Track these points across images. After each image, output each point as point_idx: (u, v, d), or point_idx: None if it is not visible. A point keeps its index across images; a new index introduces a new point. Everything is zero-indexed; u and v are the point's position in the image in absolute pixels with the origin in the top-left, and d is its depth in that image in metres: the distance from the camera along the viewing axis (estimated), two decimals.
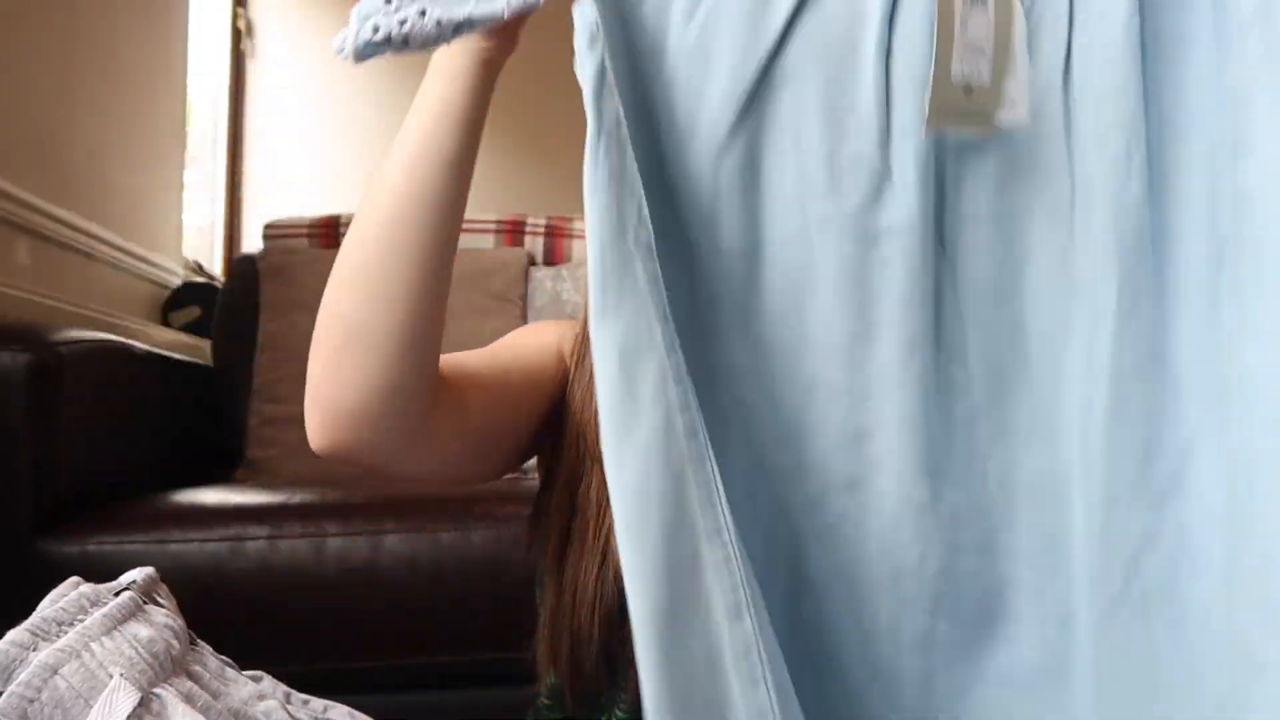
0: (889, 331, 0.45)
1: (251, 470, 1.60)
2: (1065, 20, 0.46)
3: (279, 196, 2.79)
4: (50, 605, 0.47)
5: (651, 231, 0.42)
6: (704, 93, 0.45)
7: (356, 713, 0.62)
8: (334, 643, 1.11)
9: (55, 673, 0.40)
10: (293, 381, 1.64)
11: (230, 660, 0.57)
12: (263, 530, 1.12)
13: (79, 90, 1.80)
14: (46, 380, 1.09)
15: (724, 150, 0.45)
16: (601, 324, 0.40)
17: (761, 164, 0.45)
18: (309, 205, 2.07)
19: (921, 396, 0.45)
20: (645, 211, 0.42)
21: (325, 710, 0.60)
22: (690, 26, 0.45)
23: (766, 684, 0.37)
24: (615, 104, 0.42)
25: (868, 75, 0.45)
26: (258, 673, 0.58)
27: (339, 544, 1.12)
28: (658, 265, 0.41)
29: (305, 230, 1.86)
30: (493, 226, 1.86)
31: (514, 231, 1.87)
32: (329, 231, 1.86)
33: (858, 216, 0.45)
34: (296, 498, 1.18)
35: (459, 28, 0.44)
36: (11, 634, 0.42)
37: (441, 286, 0.57)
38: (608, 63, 0.42)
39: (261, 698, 0.52)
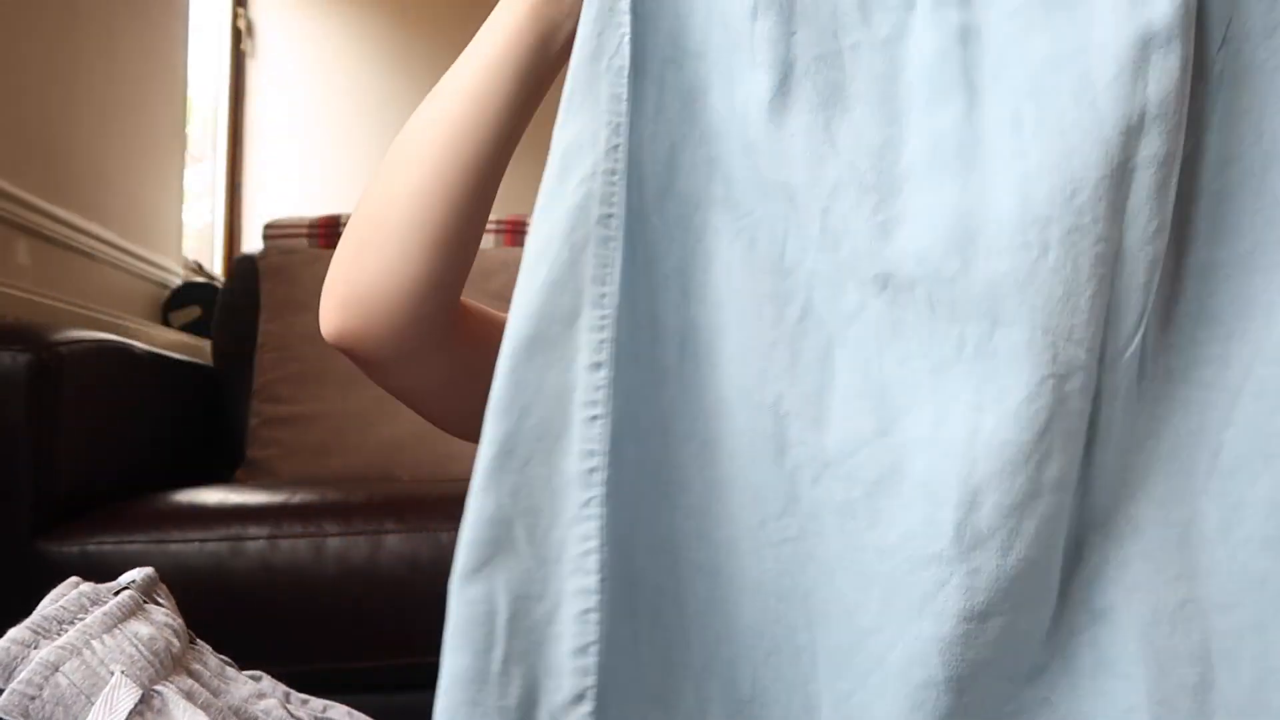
0: (916, 137, 0.45)
1: (251, 470, 1.61)
2: None
3: (279, 196, 2.79)
4: (50, 604, 0.47)
5: (627, 62, 0.45)
6: None
7: (356, 713, 0.62)
8: (334, 643, 1.11)
9: (56, 670, 0.40)
10: (293, 381, 1.64)
11: (230, 660, 0.57)
12: (263, 530, 1.12)
13: (79, 90, 1.80)
14: (46, 380, 1.09)
15: None
16: (559, 131, 0.45)
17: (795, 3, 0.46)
18: (309, 205, 2.07)
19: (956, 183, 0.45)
20: (625, 47, 0.45)
21: (325, 710, 0.60)
22: None
23: (603, 423, 0.42)
24: None
25: None
26: (257, 672, 0.58)
27: (339, 544, 1.12)
28: (625, 89, 0.45)
29: (305, 230, 1.86)
30: (493, 226, 1.86)
31: (514, 231, 1.87)
32: (329, 231, 1.86)
33: (886, 43, 0.46)
34: (296, 498, 1.18)
35: None
36: (12, 632, 0.42)
37: (486, 192, 0.57)
38: None
39: (261, 696, 0.52)
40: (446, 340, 0.61)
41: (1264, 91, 0.45)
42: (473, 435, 0.73)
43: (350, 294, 0.57)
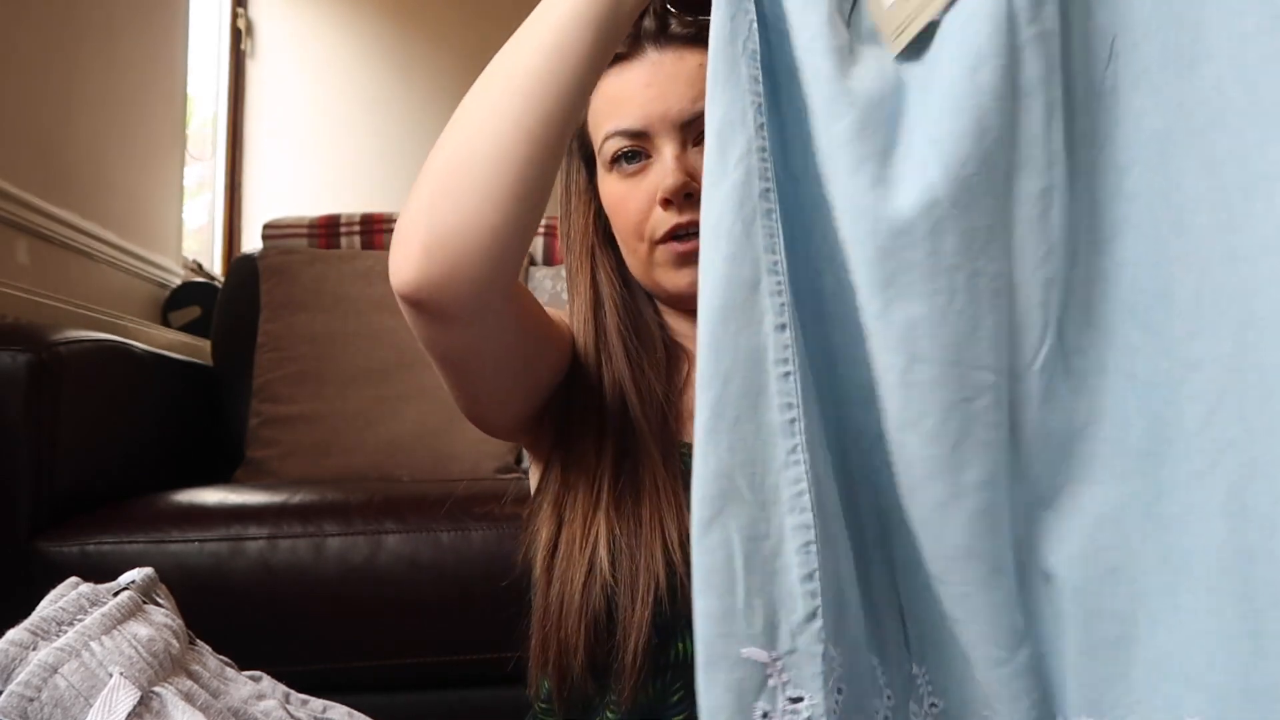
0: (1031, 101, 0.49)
1: (251, 470, 1.60)
2: None
3: (279, 196, 2.79)
4: (50, 605, 0.47)
5: (758, 44, 0.49)
6: None
7: (355, 713, 0.62)
8: (334, 643, 1.11)
9: (55, 672, 0.40)
10: (293, 381, 1.64)
11: (229, 660, 0.57)
12: (263, 530, 1.12)
13: (79, 90, 1.80)
14: (46, 380, 1.09)
15: None
16: (710, 110, 0.50)
17: None
18: (309, 205, 2.07)
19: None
20: (755, 29, 0.49)
21: (324, 710, 0.60)
22: None
23: (795, 376, 0.48)
24: None
25: None
26: (257, 673, 0.58)
27: (339, 544, 1.12)
28: (759, 71, 0.49)
29: (305, 230, 1.86)
30: None
31: None
32: (328, 231, 1.86)
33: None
34: (296, 498, 1.18)
35: None
36: (11, 633, 0.42)
37: (561, 143, 0.60)
38: None
39: (261, 697, 0.52)
40: (515, 299, 0.64)
41: (1155, 96, 0.48)
42: (494, 422, 0.75)
43: (432, 240, 0.58)
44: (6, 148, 1.55)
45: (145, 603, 0.50)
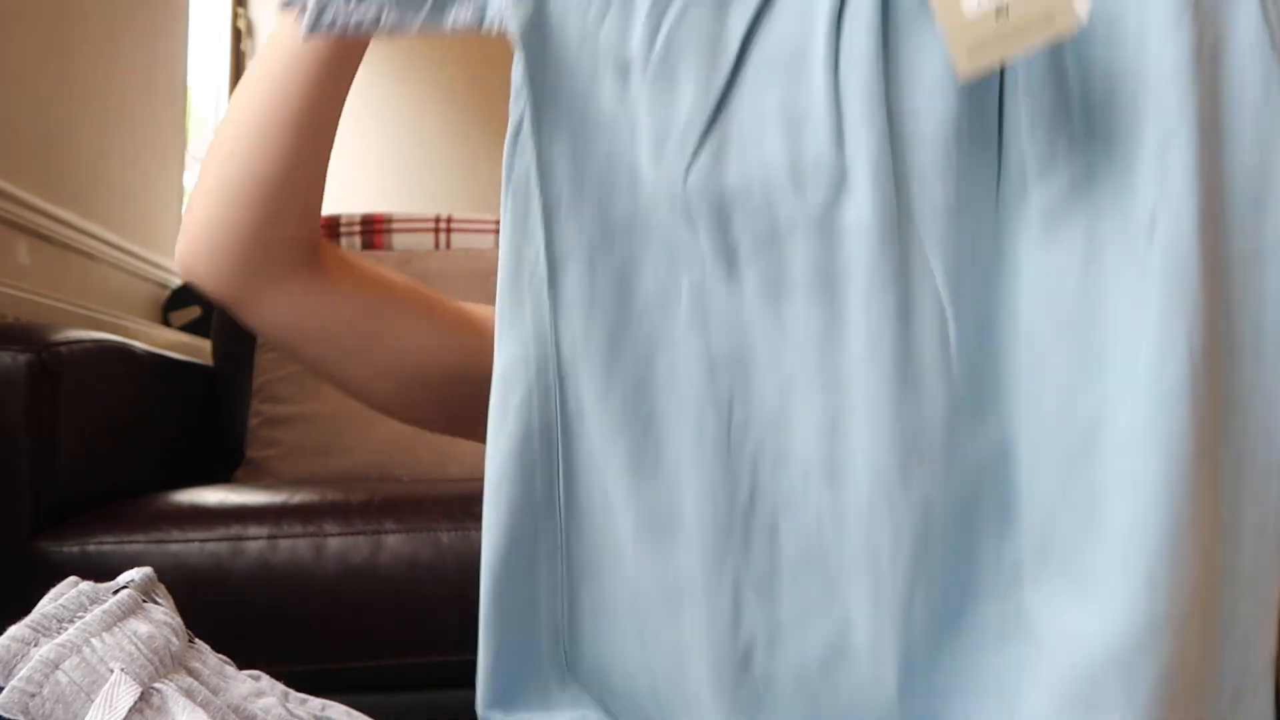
0: (855, 326, 0.47)
1: (251, 470, 1.61)
2: None
3: None
4: (50, 603, 0.47)
5: (546, 273, 0.48)
6: (670, 114, 0.47)
7: (355, 712, 0.62)
8: (334, 643, 1.11)
9: (56, 667, 0.40)
10: (293, 381, 1.64)
11: (228, 659, 0.57)
12: (263, 530, 1.12)
13: (79, 90, 1.80)
14: (46, 380, 1.09)
15: (692, 163, 0.47)
16: (497, 353, 0.50)
17: (727, 174, 0.47)
18: None
19: (892, 385, 0.46)
20: (542, 254, 0.48)
21: (324, 709, 0.60)
22: (653, 53, 0.47)
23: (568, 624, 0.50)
24: (528, 159, 0.48)
25: (819, 80, 0.47)
26: (256, 672, 0.58)
27: (339, 544, 1.12)
28: (546, 302, 0.49)
29: None
30: (492, 227, 1.86)
31: None
32: (329, 232, 1.86)
33: (823, 216, 0.47)
34: (296, 498, 1.18)
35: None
36: (12, 630, 0.42)
37: (292, 156, 0.66)
38: (526, 118, 0.48)
39: (260, 695, 0.52)
40: (317, 278, 0.68)
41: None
42: (392, 410, 0.76)
43: (189, 228, 0.66)
44: (6, 148, 1.55)
45: (145, 601, 0.50)
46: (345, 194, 2.63)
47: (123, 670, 0.42)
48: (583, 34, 0.48)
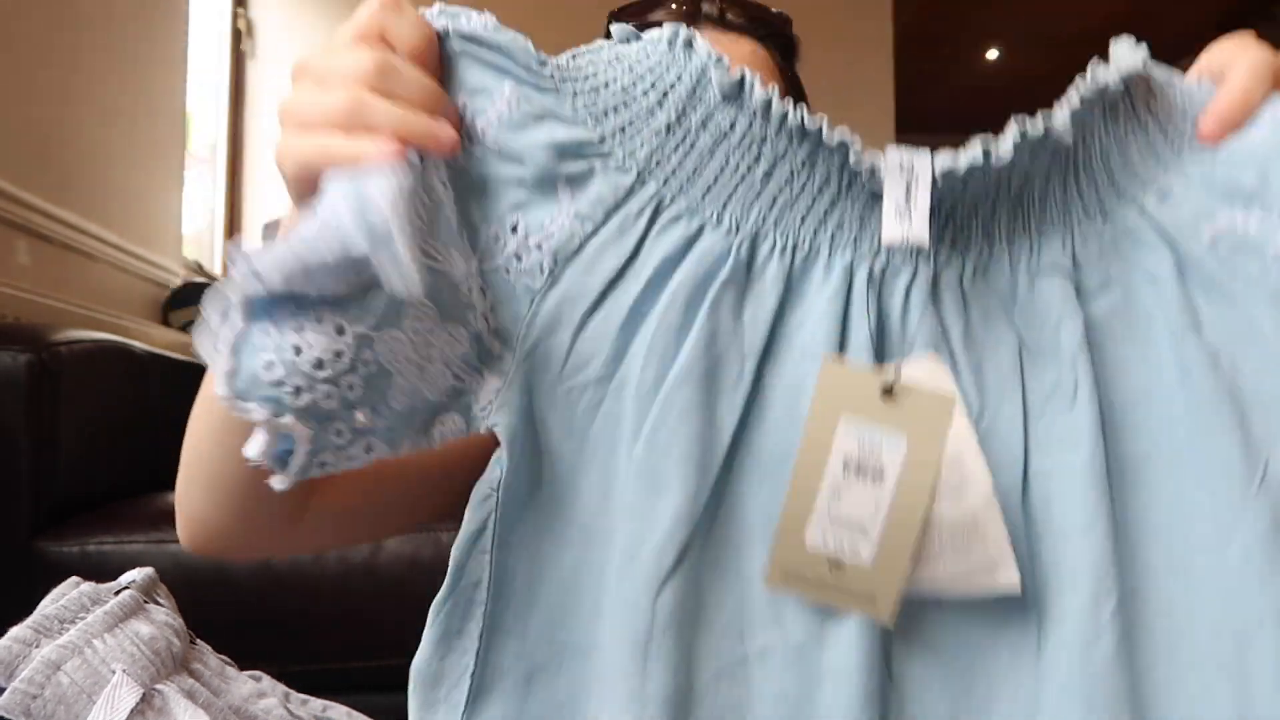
0: None
1: None
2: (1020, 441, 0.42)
3: (279, 196, 2.79)
4: (51, 604, 0.47)
5: (465, 695, 0.46)
6: (652, 517, 0.42)
7: (355, 713, 0.62)
8: (334, 643, 1.11)
9: (58, 669, 0.40)
10: None
11: (229, 660, 0.57)
12: None
13: (79, 90, 1.80)
14: (46, 380, 1.09)
15: (667, 579, 0.42)
16: None
17: (704, 594, 0.43)
18: None
19: None
20: (469, 674, 0.46)
21: (325, 710, 0.60)
22: (638, 445, 0.43)
23: None
24: (481, 570, 0.46)
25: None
26: (257, 673, 0.58)
27: None
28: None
29: None
30: None
31: None
32: None
33: (800, 651, 0.42)
34: None
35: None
36: (14, 631, 0.42)
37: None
38: (491, 526, 0.45)
39: (261, 696, 0.52)
40: (296, 522, 0.60)
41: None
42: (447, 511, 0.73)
43: (183, 519, 0.58)
44: (6, 148, 1.55)
45: (146, 602, 0.50)
46: None
47: (124, 672, 0.42)
48: (569, 428, 0.43)
